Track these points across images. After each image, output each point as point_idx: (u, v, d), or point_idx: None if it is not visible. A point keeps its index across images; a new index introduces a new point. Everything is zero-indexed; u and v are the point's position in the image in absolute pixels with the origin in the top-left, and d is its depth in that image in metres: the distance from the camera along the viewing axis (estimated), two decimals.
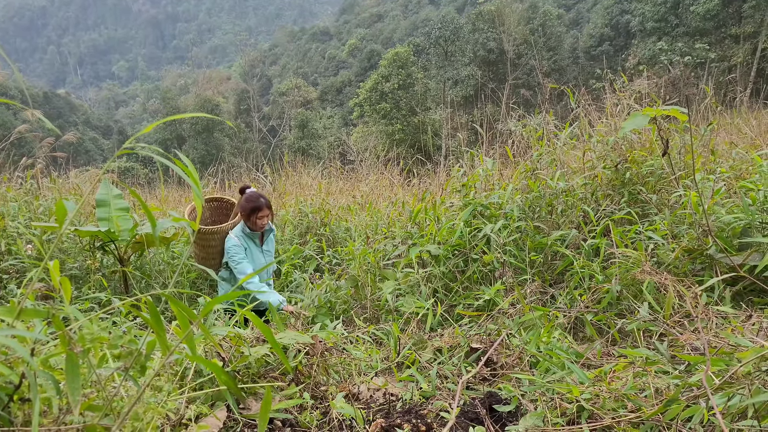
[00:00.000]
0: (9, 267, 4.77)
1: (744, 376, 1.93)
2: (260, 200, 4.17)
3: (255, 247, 4.34)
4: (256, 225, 4.20)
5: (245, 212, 4.18)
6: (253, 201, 4.16)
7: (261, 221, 4.20)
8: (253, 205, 4.15)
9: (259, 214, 4.17)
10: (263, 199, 4.20)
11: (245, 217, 4.19)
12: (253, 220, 4.18)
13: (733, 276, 3.30)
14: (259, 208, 4.15)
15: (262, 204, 4.16)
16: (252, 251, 4.31)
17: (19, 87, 50.91)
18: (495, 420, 2.54)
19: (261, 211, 4.16)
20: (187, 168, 1.26)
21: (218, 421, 2.27)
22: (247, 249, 4.28)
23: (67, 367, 1.27)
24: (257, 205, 4.15)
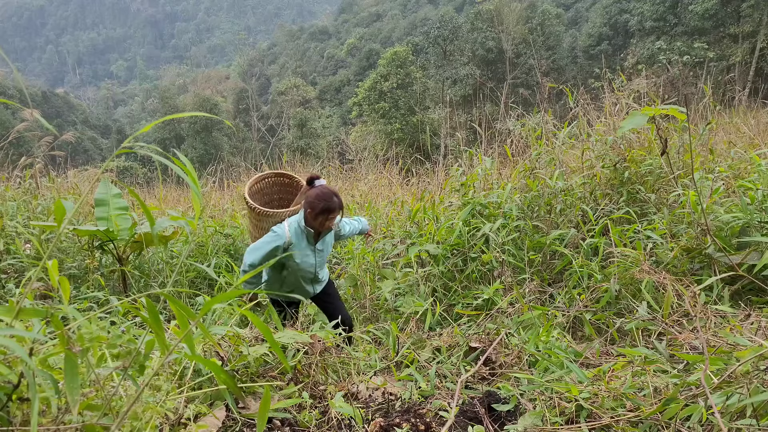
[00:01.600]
0: (7, 266, 4.77)
1: (743, 375, 1.94)
2: (334, 200, 3.53)
3: (307, 245, 3.72)
4: (322, 225, 3.59)
5: (314, 211, 3.54)
6: (326, 200, 3.52)
7: (329, 224, 3.59)
8: (326, 206, 3.52)
9: (330, 216, 3.55)
10: (337, 199, 3.56)
11: (312, 215, 3.55)
12: (320, 221, 3.56)
13: (731, 275, 3.31)
14: (331, 209, 3.53)
15: (335, 205, 3.53)
16: (301, 248, 3.70)
17: (18, 86, 50.85)
18: (494, 419, 2.54)
19: (333, 213, 3.55)
20: (186, 167, 1.26)
21: (217, 421, 2.27)
22: (293, 246, 3.67)
23: (65, 366, 1.27)
24: (330, 206, 3.52)
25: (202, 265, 5.11)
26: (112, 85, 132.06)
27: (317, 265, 3.76)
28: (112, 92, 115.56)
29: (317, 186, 3.64)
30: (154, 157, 1.31)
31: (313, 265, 3.75)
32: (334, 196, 3.56)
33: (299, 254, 3.66)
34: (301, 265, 3.70)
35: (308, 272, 3.76)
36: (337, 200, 3.55)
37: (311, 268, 3.75)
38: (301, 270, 3.72)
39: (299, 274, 3.74)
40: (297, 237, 3.65)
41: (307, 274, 3.77)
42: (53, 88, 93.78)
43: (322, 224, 3.57)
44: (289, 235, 3.62)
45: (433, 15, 57.47)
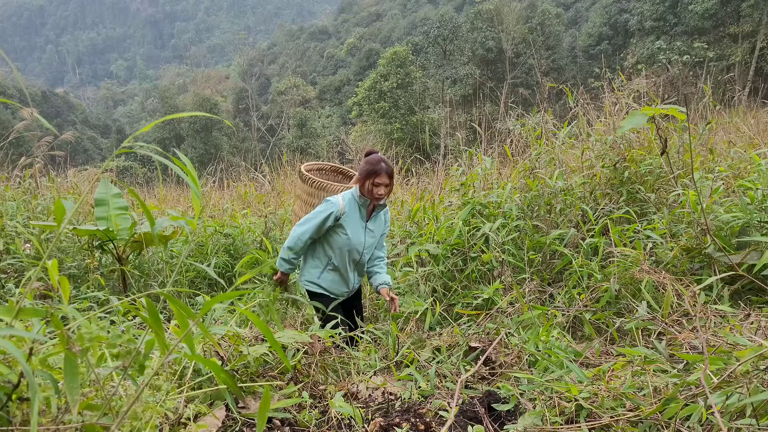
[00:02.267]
0: (7, 266, 4.77)
1: (742, 375, 1.94)
2: (381, 164, 3.53)
3: (359, 219, 3.66)
4: (371, 193, 3.54)
5: (362, 175, 3.56)
6: (372, 163, 3.54)
7: (377, 189, 3.52)
8: (371, 168, 3.52)
9: (376, 180, 3.50)
10: (384, 164, 3.54)
11: (361, 180, 3.56)
12: (368, 187, 3.54)
13: (731, 275, 3.31)
14: (376, 172, 3.51)
15: (381, 169, 3.51)
16: (353, 221, 3.63)
17: (18, 86, 50.84)
18: (494, 419, 2.54)
19: (378, 176, 3.50)
20: (186, 167, 1.26)
21: (217, 420, 2.27)
22: (346, 216, 3.60)
23: (65, 366, 1.26)
24: (376, 168, 3.51)
25: (201, 264, 5.12)
26: (112, 84, 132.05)
27: (365, 246, 3.67)
28: (112, 92, 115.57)
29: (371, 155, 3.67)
30: (154, 156, 1.31)
31: (362, 243, 3.65)
32: (382, 161, 3.54)
33: (351, 227, 3.59)
34: (352, 239, 3.60)
35: (356, 252, 3.65)
36: (384, 165, 3.52)
37: (360, 247, 3.65)
38: (350, 246, 3.62)
39: (347, 255, 3.64)
40: (350, 207, 3.60)
41: (354, 254, 3.65)
42: (53, 88, 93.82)
43: (370, 190, 3.52)
44: (342, 203, 3.57)
45: (433, 15, 57.44)
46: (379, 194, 3.52)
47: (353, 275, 3.76)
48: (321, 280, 3.69)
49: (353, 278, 3.76)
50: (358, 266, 3.76)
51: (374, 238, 3.73)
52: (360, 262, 3.74)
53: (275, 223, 6.39)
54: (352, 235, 3.58)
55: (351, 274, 3.73)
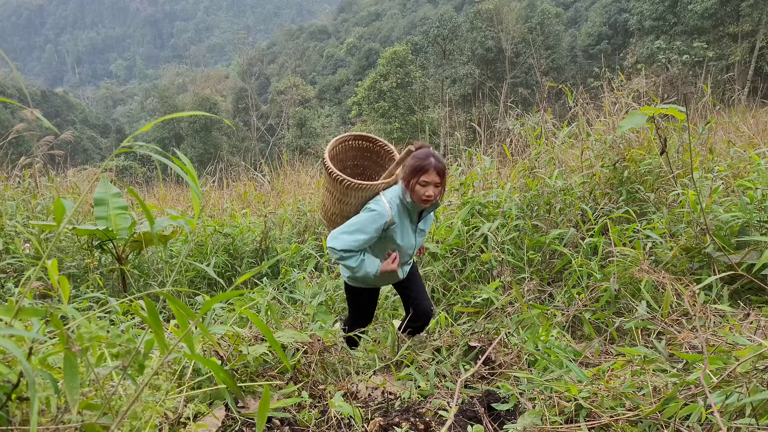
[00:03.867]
0: (7, 266, 4.77)
1: (742, 375, 1.94)
2: (429, 159, 2.96)
3: (409, 224, 3.19)
4: (416, 193, 2.99)
5: (407, 172, 3.01)
6: (419, 158, 2.98)
7: (424, 190, 2.97)
8: (418, 164, 2.95)
9: (422, 178, 2.94)
10: (434, 160, 2.96)
11: (406, 178, 3.01)
12: (412, 185, 2.98)
13: (731, 274, 3.31)
14: (423, 168, 2.94)
15: (430, 165, 2.94)
16: (402, 227, 3.14)
17: (17, 86, 50.81)
18: (493, 418, 2.54)
19: (426, 173, 2.94)
20: (186, 166, 1.26)
21: (217, 420, 2.27)
22: (395, 226, 3.11)
23: (65, 365, 1.26)
24: (423, 164, 2.94)
25: (201, 264, 5.12)
26: (112, 84, 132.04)
27: (416, 246, 3.28)
28: (112, 91, 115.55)
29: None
30: (154, 156, 1.31)
31: (413, 246, 3.24)
32: (431, 156, 2.97)
33: (400, 235, 3.14)
34: (402, 245, 3.17)
35: (407, 255, 3.25)
36: (433, 161, 2.95)
37: (411, 250, 3.26)
38: (400, 251, 3.19)
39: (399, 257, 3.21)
40: (399, 214, 3.10)
41: (405, 257, 3.25)
42: (52, 88, 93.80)
43: (414, 189, 2.99)
44: (391, 212, 3.06)
45: (433, 14, 57.50)
46: (427, 196, 2.97)
47: (401, 270, 3.32)
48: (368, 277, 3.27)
49: (402, 273, 3.34)
50: (409, 261, 3.40)
51: (425, 234, 3.33)
52: (410, 261, 3.39)
53: (275, 222, 6.39)
54: (402, 241, 3.17)
55: (400, 270, 3.30)
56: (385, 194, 3.09)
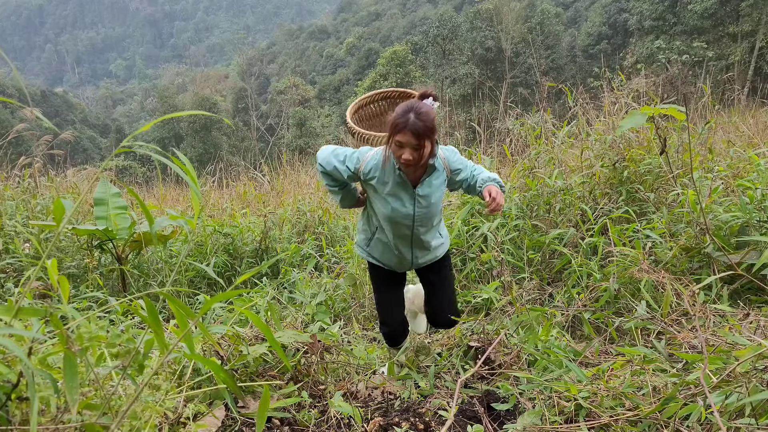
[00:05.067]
0: (6, 266, 4.76)
1: (741, 375, 1.94)
2: (407, 116, 2.47)
3: (399, 186, 2.68)
4: (394, 154, 2.57)
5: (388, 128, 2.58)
6: (398, 114, 2.52)
7: (400, 152, 2.52)
8: (394, 120, 2.51)
9: (397, 138, 2.49)
10: (412, 116, 2.45)
11: (387, 135, 2.59)
12: (390, 145, 2.56)
13: (730, 274, 3.31)
14: (397, 127, 2.48)
15: (404, 124, 2.46)
16: (391, 186, 2.67)
17: (17, 85, 50.79)
18: (493, 418, 2.54)
19: (400, 133, 2.47)
20: (185, 166, 1.26)
21: (216, 420, 2.27)
22: (375, 181, 2.69)
23: (65, 365, 1.26)
24: (398, 122, 2.48)
25: (201, 264, 5.12)
26: (111, 84, 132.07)
27: (417, 219, 2.74)
28: (111, 91, 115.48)
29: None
30: (153, 156, 1.31)
31: (409, 216, 2.72)
32: (411, 111, 2.47)
33: (384, 195, 2.70)
34: (394, 209, 2.70)
35: (404, 226, 2.75)
36: (412, 118, 2.45)
37: (407, 220, 2.73)
38: (394, 218, 2.73)
39: (392, 227, 2.78)
40: (380, 170, 2.67)
41: (402, 228, 2.76)
42: (52, 88, 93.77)
43: (394, 151, 2.56)
44: (365, 162, 2.69)
45: (433, 14, 57.47)
46: (404, 159, 2.51)
47: (409, 251, 2.87)
48: (371, 249, 2.96)
49: (409, 255, 2.89)
50: (415, 241, 2.83)
51: (429, 206, 2.74)
52: (414, 236, 2.81)
53: (275, 222, 6.39)
54: (394, 203, 2.69)
55: (404, 249, 2.86)
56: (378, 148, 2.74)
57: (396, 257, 2.89)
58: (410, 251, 2.86)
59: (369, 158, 2.69)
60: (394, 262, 2.92)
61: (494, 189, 2.63)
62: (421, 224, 2.76)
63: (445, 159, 2.76)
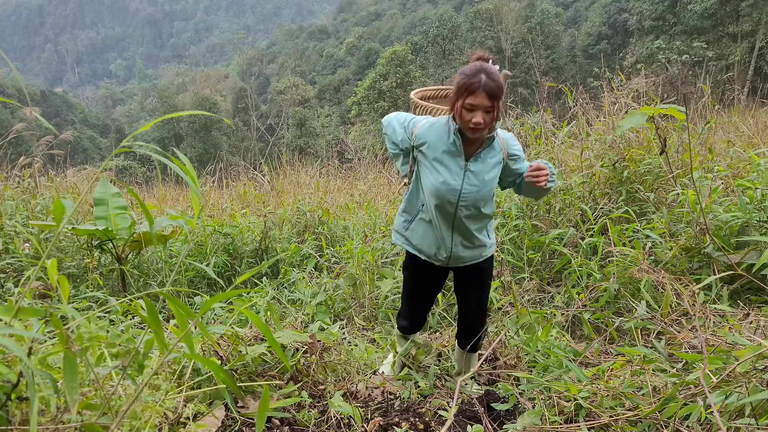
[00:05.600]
0: (6, 266, 4.76)
1: (741, 375, 1.94)
2: (479, 77, 2.33)
3: (450, 155, 2.52)
4: (462, 119, 2.40)
5: (453, 91, 2.43)
6: (466, 75, 2.37)
7: (470, 115, 2.35)
8: (464, 82, 2.36)
9: (468, 101, 2.34)
10: (484, 77, 2.33)
11: (452, 99, 2.45)
12: (458, 109, 2.40)
13: (730, 274, 3.31)
14: (471, 89, 2.33)
15: (477, 84, 2.32)
16: (443, 156, 2.53)
17: (17, 85, 50.81)
18: (493, 418, 2.54)
19: (473, 95, 2.33)
20: (185, 166, 1.26)
21: (216, 420, 2.27)
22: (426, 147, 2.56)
23: (64, 365, 1.26)
24: (469, 82, 2.34)
25: (201, 264, 5.12)
26: (111, 84, 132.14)
27: (463, 196, 2.51)
28: (111, 91, 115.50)
29: None
30: (153, 156, 1.31)
31: (456, 190, 2.50)
32: (482, 72, 2.34)
33: (433, 163, 2.54)
34: (442, 180, 2.51)
35: (448, 202, 2.52)
36: (484, 78, 2.32)
37: (452, 195, 2.51)
38: (440, 191, 2.52)
39: (436, 202, 2.56)
40: (436, 135, 2.54)
41: (447, 205, 2.53)
42: (52, 88, 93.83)
43: (462, 116, 2.39)
44: (419, 126, 2.60)
45: (432, 14, 57.51)
46: (475, 122, 2.35)
47: (449, 237, 2.63)
48: (410, 233, 2.75)
49: (449, 241, 2.64)
50: (458, 225, 2.60)
51: (479, 185, 2.52)
52: (457, 218, 2.57)
53: (274, 222, 6.38)
54: (443, 173, 2.51)
55: (446, 233, 2.63)
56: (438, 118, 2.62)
57: (435, 241, 2.65)
58: (451, 235, 2.62)
59: (424, 122, 2.60)
60: (432, 248, 2.68)
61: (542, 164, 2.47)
62: (466, 205, 2.53)
63: (504, 140, 2.58)
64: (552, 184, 2.51)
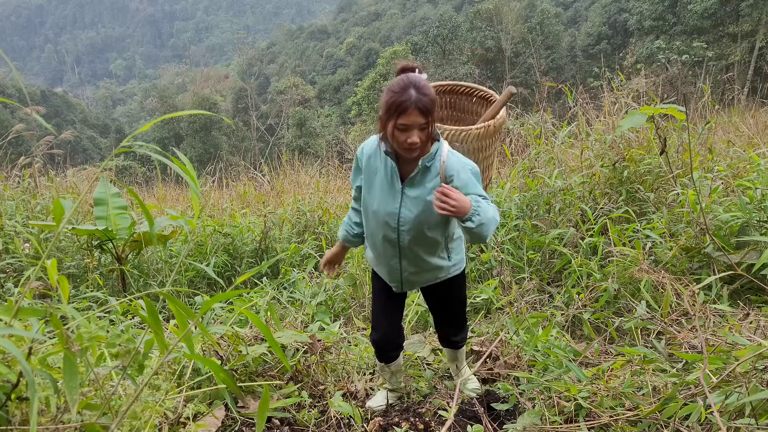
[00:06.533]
0: (6, 266, 4.76)
1: (741, 375, 1.94)
2: (408, 93, 2.06)
3: (389, 176, 2.29)
4: (396, 140, 2.14)
5: (381, 109, 2.17)
6: (395, 92, 2.10)
7: (405, 136, 2.10)
8: (393, 100, 2.09)
9: (400, 120, 2.08)
10: (414, 93, 2.06)
11: (381, 118, 2.18)
12: (390, 130, 2.13)
13: (730, 274, 3.31)
14: (401, 107, 2.06)
15: (408, 102, 2.05)
16: (379, 178, 2.32)
17: (17, 85, 50.80)
18: (493, 418, 2.54)
19: (404, 114, 2.06)
20: (185, 166, 1.26)
21: (216, 420, 2.27)
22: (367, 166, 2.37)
23: (64, 365, 1.26)
24: (400, 101, 2.06)
25: (201, 264, 5.12)
26: (111, 84, 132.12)
27: (402, 221, 2.29)
28: (111, 91, 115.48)
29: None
30: (153, 156, 1.31)
31: (394, 215, 2.29)
32: (411, 87, 2.07)
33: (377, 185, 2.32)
34: (378, 204, 2.31)
35: (388, 227, 2.32)
36: (414, 94, 2.06)
37: (392, 220, 2.30)
38: (377, 216, 2.34)
39: (377, 228, 2.37)
40: (374, 155, 2.34)
41: (387, 230, 2.33)
42: (52, 87, 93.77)
43: (395, 137, 2.13)
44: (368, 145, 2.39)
45: (432, 14, 57.54)
46: (410, 143, 2.11)
47: (397, 264, 2.42)
48: (367, 252, 2.62)
49: (397, 269, 2.44)
50: (404, 252, 2.38)
51: (418, 209, 2.26)
52: (404, 246, 2.35)
53: (274, 222, 6.38)
54: (379, 198, 2.31)
55: (393, 260, 2.42)
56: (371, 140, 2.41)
57: (386, 269, 2.48)
58: (399, 263, 2.41)
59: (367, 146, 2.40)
60: (385, 275, 2.52)
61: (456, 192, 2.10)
62: (407, 230, 2.30)
63: (444, 163, 2.24)
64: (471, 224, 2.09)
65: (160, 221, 4.40)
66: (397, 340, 2.65)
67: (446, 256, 2.45)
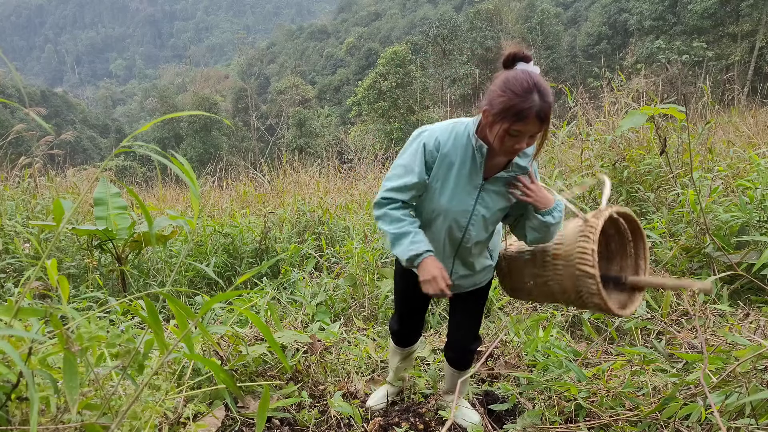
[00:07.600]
0: (6, 266, 4.76)
1: (741, 375, 1.94)
2: (532, 98, 1.80)
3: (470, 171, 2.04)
4: (500, 142, 1.89)
5: (492, 108, 1.87)
6: (516, 94, 1.81)
7: (514, 141, 1.87)
8: (516, 104, 1.81)
9: (515, 126, 1.83)
10: (538, 98, 1.80)
11: (490, 118, 1.89)
12: (499, 132, 1.87)
13: (730, 274, 3.31)
14: (521, 114, 1.80)
15: (530, 109, 1.80)
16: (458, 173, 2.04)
17: (17, 86, 50.80)
18: (493, 419, 2.54)
19: (522, 121, 1.82)
20: (184, 167, 1.26)
21: (216, 420, 2.27)
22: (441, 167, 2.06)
23: (64, 365, 1.26)
24: (522, 107, 1.80)
25: (201, 264, 5.11)
26: (111, 84, 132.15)
27: (473, 219, 2.10)
28: (111, 91, 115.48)
29: (515, 71, 1.89)
30: (153, 156, 1.31)
31: (467, 212, 2.09)
32: (535, 90, 1.81)
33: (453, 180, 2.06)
34: (447, 205, 2.08)
35: (456, 225, 2.11)
36: (537, 100, 1.80)
37: (463, 218, 2.10)
38: (447, 213, 2.10)
39: (441, 227, 2.13)
40: (456, 146, 2.05)
41: (453, 228, 2.12)
42: (52, 88, 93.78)
43: (501, 140, 1.89)
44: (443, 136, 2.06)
45: (433, 14, 57.57)
46: (516, 149, 1.90)
47: (451, 264, 2.24)
48: None
49: (450, 270, 2.24)
50: (462, 252, 2.20)
51: (494, 207, 2.10)
52: (464, 245, 2.17)
53: (274, 222, 6.38)
54: (451, 194, 2.07)
55: (447, 261, 2.22)
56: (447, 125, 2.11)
57: None
58: (452, 264, 2.23)
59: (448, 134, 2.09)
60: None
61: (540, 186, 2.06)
62: (474, 227, 2.12)
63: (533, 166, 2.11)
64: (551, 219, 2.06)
65: (159, 221, 4.40)
66: (418, 330, 2.61)
67: (489, 254, 2.33)
